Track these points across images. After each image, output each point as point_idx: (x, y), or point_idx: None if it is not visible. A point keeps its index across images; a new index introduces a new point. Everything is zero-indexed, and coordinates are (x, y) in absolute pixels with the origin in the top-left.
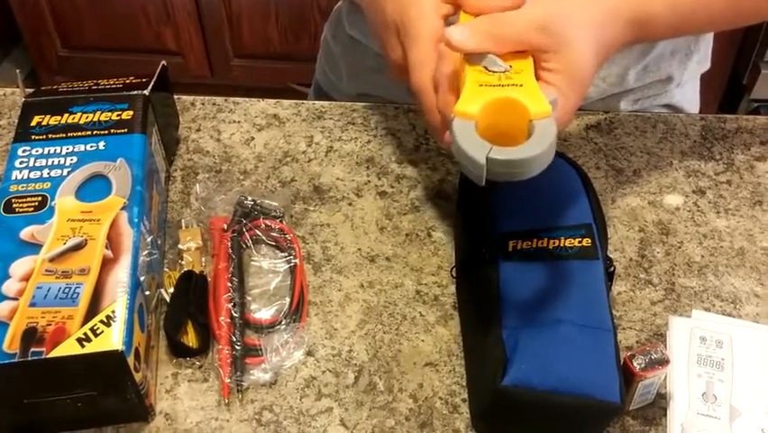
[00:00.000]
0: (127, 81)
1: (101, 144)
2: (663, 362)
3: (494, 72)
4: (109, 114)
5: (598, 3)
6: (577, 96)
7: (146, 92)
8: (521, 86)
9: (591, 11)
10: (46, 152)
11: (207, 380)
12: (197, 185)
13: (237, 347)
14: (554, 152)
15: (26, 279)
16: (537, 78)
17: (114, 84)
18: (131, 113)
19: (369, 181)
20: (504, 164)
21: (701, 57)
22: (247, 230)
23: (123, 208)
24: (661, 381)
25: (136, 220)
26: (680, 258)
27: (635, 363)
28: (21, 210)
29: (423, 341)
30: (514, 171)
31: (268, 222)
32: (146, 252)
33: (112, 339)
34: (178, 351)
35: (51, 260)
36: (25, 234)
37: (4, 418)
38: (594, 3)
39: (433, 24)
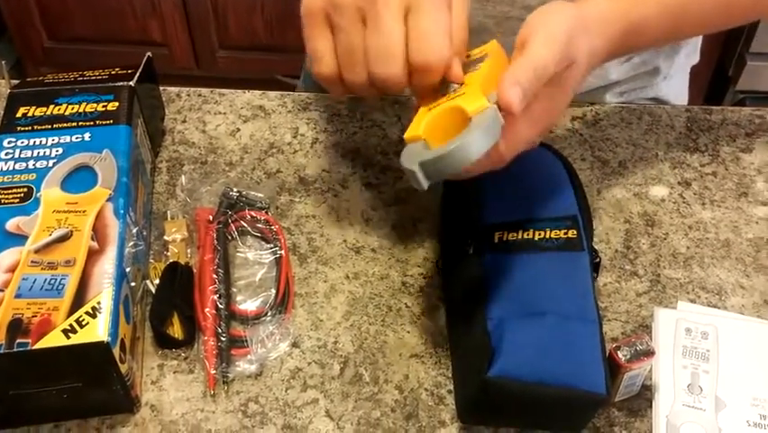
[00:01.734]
0: (113, 72)
1: (86, 135)
2: (649, 353)
3: (445, 94)
4: (95, 105)
5: (583, 9)
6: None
7: (132, 83)
8: (463, 93)
9: (571, 17)
10: (31, 143)
11: (193, 371)
12: (183, 176)
13: (223, 339)
14: (492, 138)
15: (12, 270)
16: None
17: (99, 75)
18: (116, 104)
19: (354, 173)
20: (434, 163)
21: (690, 50)
22: (232, 221)
23: (108, 200)
24: (646, 372)
25: (122, 211)
26: (665, 249)
27: (620, 355)
28: (6, 201)
29: (408, 332)
30: (447, 167)
31: (253, 213)
32: (132, 243)
33: (97, 330)
34: (164, 342)
35: (37, 251)
36: (11, 225)
37: None
38: (581, 9)
39: None
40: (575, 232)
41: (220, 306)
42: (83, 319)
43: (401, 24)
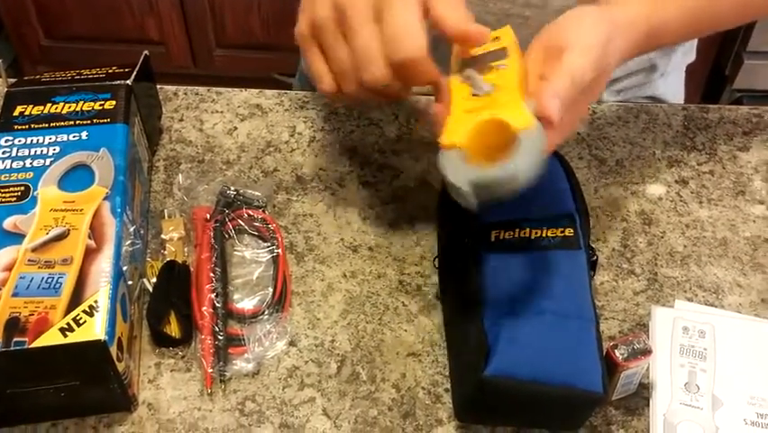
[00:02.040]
0: (110, 71)
1: (84, 134)
2: (646, 352)
3: (479, 96)
4: (92, 103)
5: (613, 13)
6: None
7: (129, 82)
8: (504, 103)
9: (605, 24)
10: (28, 141)
11: (190, 370)
12: (180, 175)
13: (220, 337)
14: (542, 158)
15: (9, 269)
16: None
17: (96, 74)
18: (113, 102)
19: (351, 171)
20: (487, 185)
21: (686, 49)
22: (230, 220)
23: (105, 198)
24: (643, 371)
25: (119, 210)
26: (662, 248)
27: (617, 354)
28: (3, 200)
29: (405, 331)
30: (500, 189)
31: (250, 212)
32: (129, 242)
33: (94, 329)
34: (161, 341)
35: (34, 250)
36: (8, 224)
37: None
38: (611, 14)
39: None
40: (572, 230)
41: (217, 304)
42: (80, 318)
43: (374, 28)
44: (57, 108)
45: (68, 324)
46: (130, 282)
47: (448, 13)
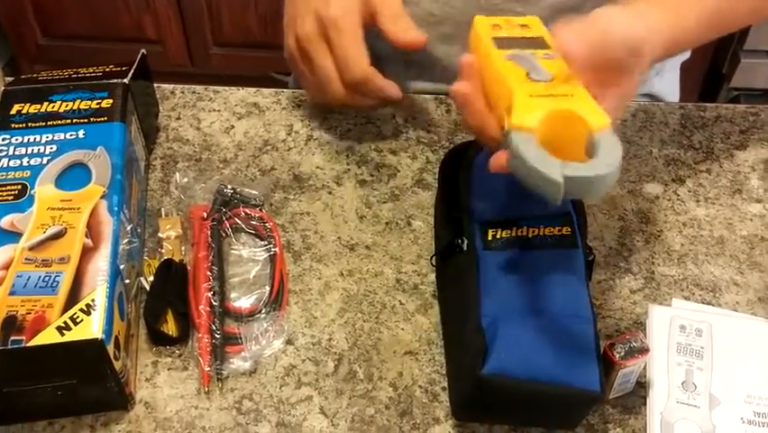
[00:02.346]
0: (107, 69)
1: (81, 133)
2: (643, 350)
3: (538, 81)
4: (89, 102)
5: (644, 19)
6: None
7: (126, 80)
8: (572, 96)
9: (641, 24)
10: (25, 140)
11: (187, 368)
12: (177, 173)
13: (217, 336)
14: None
15: (6, 267)
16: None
17: (93, 72)
18: (110, 101)
19: (348, 170)
20: (581, 182)
21: None
22: (227, 218)
23: (102, 197)
24: (640, 369)
25: (116, 209)
26: (659, 247)
27: (614, 352)
28: (0, 199)
29: (402, 329)
30: (590, 189)
31: (247, 210)
32: (126, 240)
33: (91, 328)
34: (158, 339)
35: (31, 248)
36: (5, 222)
37: None
38: (640, 18)
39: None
40: (569, 229)
41: (214, 303)
42: (77, 316)
43: (328, 55)
44: (54, 107)
45: (65, 322)
46: (127, 281)
47: (391, 25)
